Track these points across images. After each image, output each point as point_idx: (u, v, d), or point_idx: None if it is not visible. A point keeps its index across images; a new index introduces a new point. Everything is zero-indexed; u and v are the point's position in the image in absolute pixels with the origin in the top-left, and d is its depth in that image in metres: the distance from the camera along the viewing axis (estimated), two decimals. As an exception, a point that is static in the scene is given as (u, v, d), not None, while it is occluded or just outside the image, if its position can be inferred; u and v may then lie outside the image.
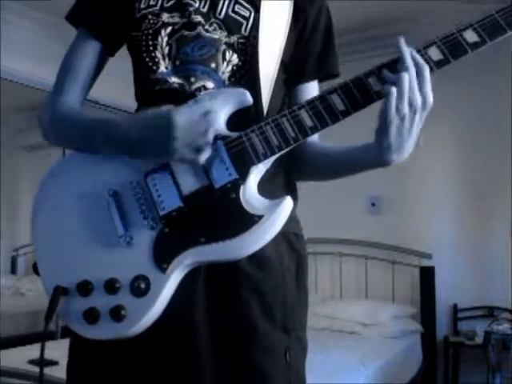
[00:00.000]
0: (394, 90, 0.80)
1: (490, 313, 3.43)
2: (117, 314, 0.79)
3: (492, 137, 3.53)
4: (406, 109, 0.80)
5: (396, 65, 0.83)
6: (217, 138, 0.83)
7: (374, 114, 0.84)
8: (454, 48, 0.83)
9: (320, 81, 1.05)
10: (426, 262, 3.61)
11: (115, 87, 2.70)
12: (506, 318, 3.08)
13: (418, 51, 0.83)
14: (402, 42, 0.83)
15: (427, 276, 3.58)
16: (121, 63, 1.19)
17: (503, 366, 2.88)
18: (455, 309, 3.57)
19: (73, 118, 0.96)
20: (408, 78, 0.80)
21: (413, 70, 0.80)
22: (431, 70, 0.82)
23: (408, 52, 0.81)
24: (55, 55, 1.02)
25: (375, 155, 0.85)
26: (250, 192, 0.83)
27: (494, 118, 3.52)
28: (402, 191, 3.82)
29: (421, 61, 0.81)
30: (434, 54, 0.83)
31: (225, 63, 0.92)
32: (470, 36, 0.83)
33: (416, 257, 3.65)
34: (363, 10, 3.32)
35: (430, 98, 0.81)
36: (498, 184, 3.47)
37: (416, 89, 0.80)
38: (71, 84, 0.99)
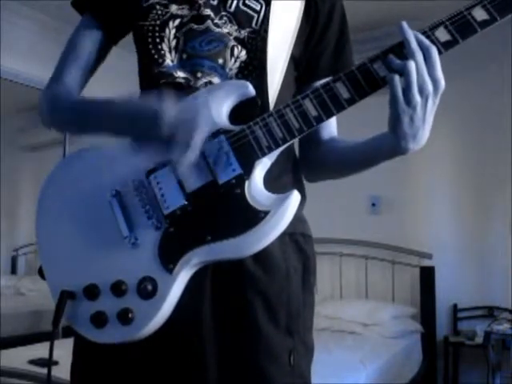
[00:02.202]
0: (396, 77, 0.76)
1: (490, 313, 3.43)
2: (124, 317, 0.77)
3: (492, 137, 3.53)
4: (417, 98, 0.76)
5: (402, 48, 0.78)
6: (219, 132, 0.81)
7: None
8: (462, 27, 0.77)
9: None
10: (426, 262, 3.61)
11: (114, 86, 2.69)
12: (506, 318, 3.07)
13: (424, 33, 0.78)
14: (405, 25, 0.78)
15: (427, 276, 3.58)
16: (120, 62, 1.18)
17: (503, 365, 2.87)
18: (455, 309, 3.57)
19: (70, 98, 0.96)
20: (415, 66, 0.75)
21: (419, 55, 0.76)
22: (439, 52, 0.77)
23: (412, 36, 0.77)
24: (55, 55, 1.02)
25: (392, 145, 0.82)
26: (256, 187, 0.80)
27: (495, 117, 3.52)
28: (402, 191, 3.82)
29: (427, 42, 0.77)
30: (442, 34, 0.78)
31: (232, 59, 0.89)
32: (479, 14, 0.77)
33: (416, 257, 3.65)
34: (366, 9, 3.32)
35: (442, 81, 0.77)
36: (498, 184, 3.47)
37: (426, 75, 0.76)
38: (72, 67, 0.98)
